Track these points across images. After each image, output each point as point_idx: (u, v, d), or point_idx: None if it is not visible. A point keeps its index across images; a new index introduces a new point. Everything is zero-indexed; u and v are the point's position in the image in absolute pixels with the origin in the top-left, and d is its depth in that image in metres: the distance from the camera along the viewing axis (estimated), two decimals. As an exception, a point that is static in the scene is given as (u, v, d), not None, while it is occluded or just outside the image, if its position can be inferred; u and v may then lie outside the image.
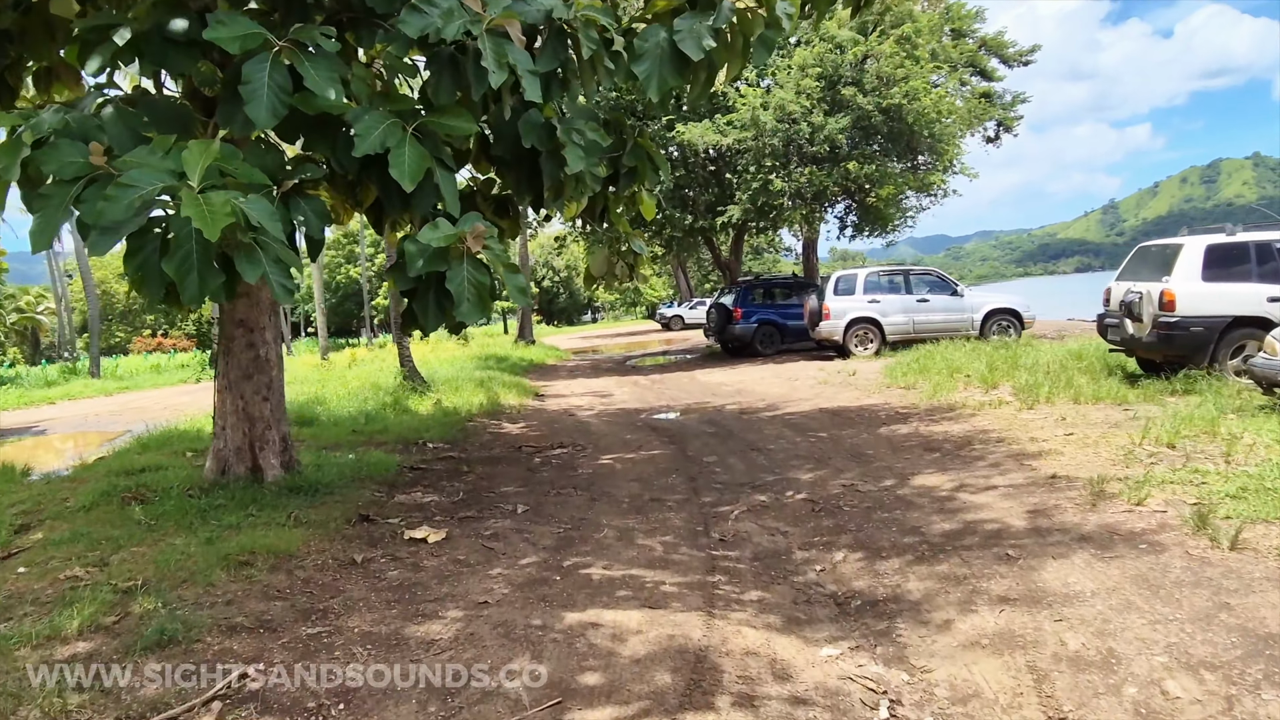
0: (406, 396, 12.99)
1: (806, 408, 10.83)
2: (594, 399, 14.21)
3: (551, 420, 11.58)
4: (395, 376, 13.98)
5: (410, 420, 11.14)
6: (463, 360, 21.26)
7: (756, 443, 8.51)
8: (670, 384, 15.88)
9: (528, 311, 29.95)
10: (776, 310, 20.00)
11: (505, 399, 13.66)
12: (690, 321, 45.29)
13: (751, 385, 14.31)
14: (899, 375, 12.25)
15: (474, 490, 6.95)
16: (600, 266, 6.53)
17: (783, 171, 16.93)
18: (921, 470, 6.57)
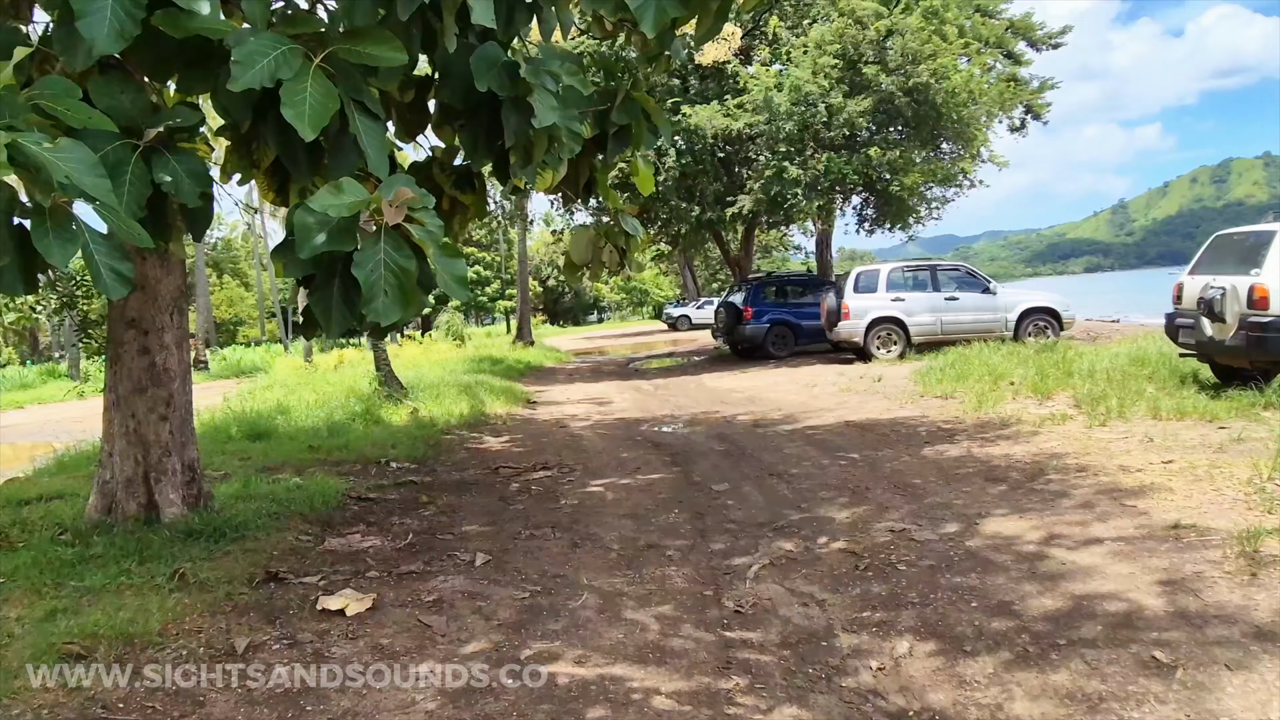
0: (380, 405, 11.65)
1: (830, 420, 9.45)
2: (591, 407, 12.85)
3: (540, 433, 10.22)
4: (370, 382, 12.65)
5: (379, 433, 9.80)
6: (454, 363, 19.95)
7: (775, 465, 7.14)
8: (675, 390, 14.52)
9: (527, 311, 28.59)
10: (790, 309, 18.62)
11: (491, 407, 12.31)
12: (698, 321, 43.97)
13: (765, 392, 12.93)
14: (933, 382, 10.86)
15: (428, 530, 5.60)
16: (582, 251, 5.18)
17: (798, 158, 15.55)
18: (990, 510, 5.19)
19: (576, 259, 5.29)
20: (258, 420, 10.34)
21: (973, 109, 16.13)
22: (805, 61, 15.33)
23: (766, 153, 15.77)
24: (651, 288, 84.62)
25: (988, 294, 15.14)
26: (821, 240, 25.40)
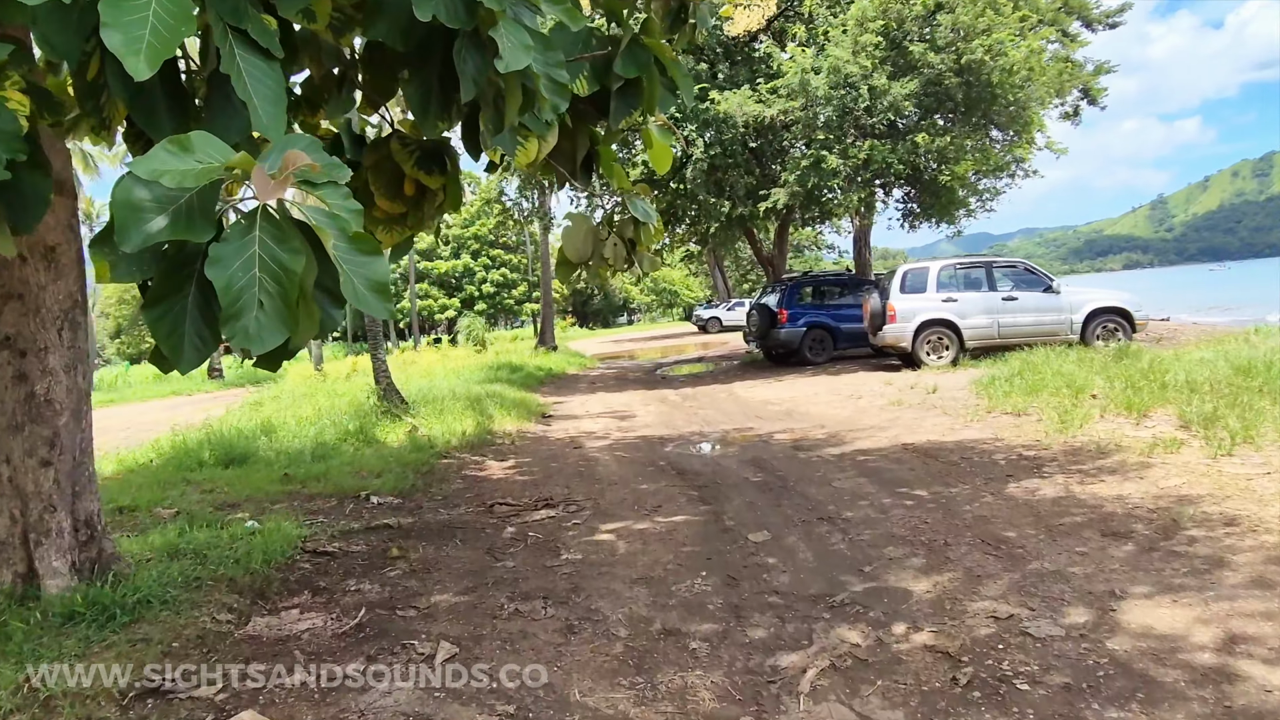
0: (377, 423, 10.54)
1: (884, 442, 8.14)
2: (611, 422, 11.63)
3: (550, 456, 9.02)
4: (369, 396, 11.54)
5: (368, 457, 8.67)
6: (470, 371, 18.85)
7: (825, 505, 5.87)
8: (705, 400, 13.26)
9: (550, 315, 27.46)
10: (828, 311, 17.27)
11: (500, 423, 11.14)
12: (728, 323, 42.74)
13: (804, 404, 11.63)
14: (999, 394, 9.49)
15: (388, 601, 4.41)
16: (579, 244, 3.96)
17: (837, 147, 14.21)
18: (1126, 586, 3.88)
19: (571, 254, 4.08)
20: (236, 442, 9.25)
21: (1029, 90, 14.68)
22: (845, 41, 13.99)
23: (803, 142, 14.45)
24: (681, 289, 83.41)
25: (1050, 293, 13.69)
26: (859, 237, 23.99)
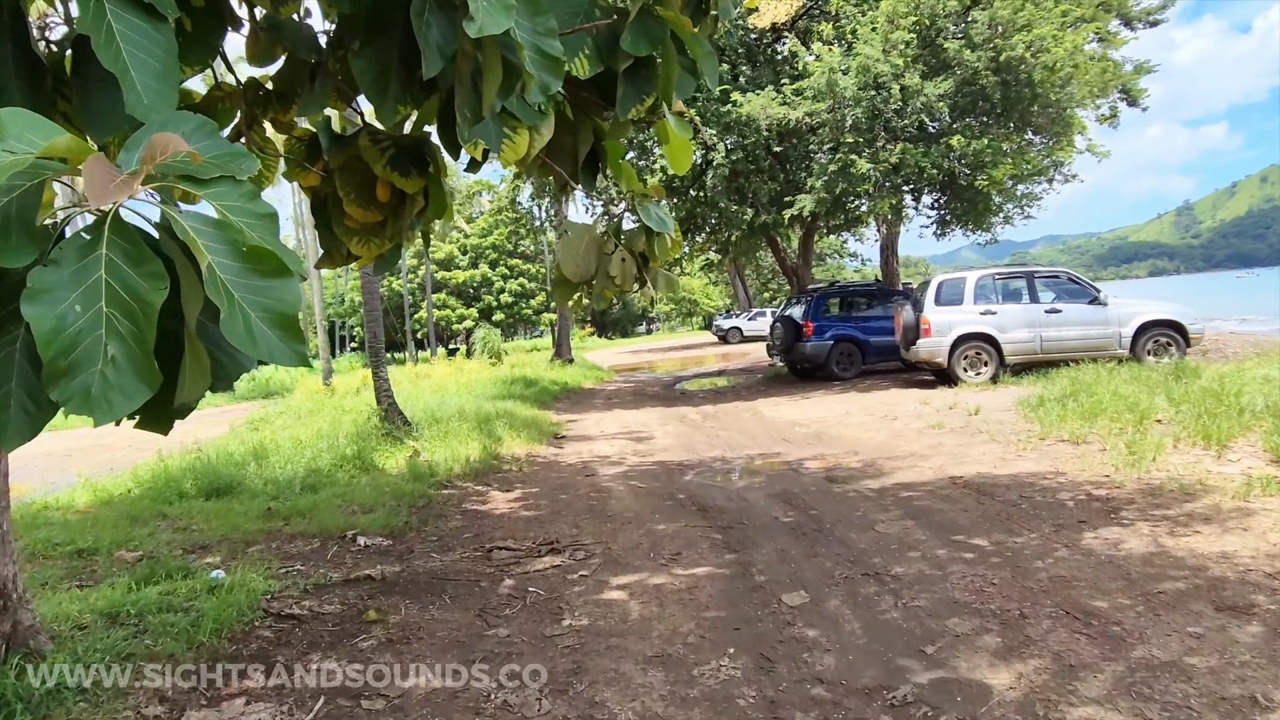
0: (377, 446, 9.87)
1: (928, 474, 7.34)
2: (627, 444, 10.89)
3: (559, 486, 8.28)
4: (370, 416, 10.87)
5: (362, 487, 7.98)
6: (483, 385, 18.19)
7: (869, 556, 5.09)
8: (727, 420, 12.49)
9: (566, 326, 26.77)
10: (856, 324, 16.45)
11: (509, 446, 10.43)
12: (749, 334, 41.99)
13: (835, 426, 10.83)
14: (1052, 419, 8.65)
15: (353, 687, 3.67)
16: (579, 261, 3.21)
17: (867, 150, 13.42)
18: (1271, 691, 3.08)
19: (571, 272, 3.34)
20: (223, 470, 8.60)
21: (1070, 90, 13.84)
22: (874, 39, 13.21)
23: (830, 145, 13.68)
24: (701, 298, 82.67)
25: (1097, 305, 12.80)
26: (886, 245, 23.14)
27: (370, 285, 10.68)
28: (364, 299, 10.84)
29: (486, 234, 58.14)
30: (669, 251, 3.43)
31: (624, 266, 3.25)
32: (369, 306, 10.77)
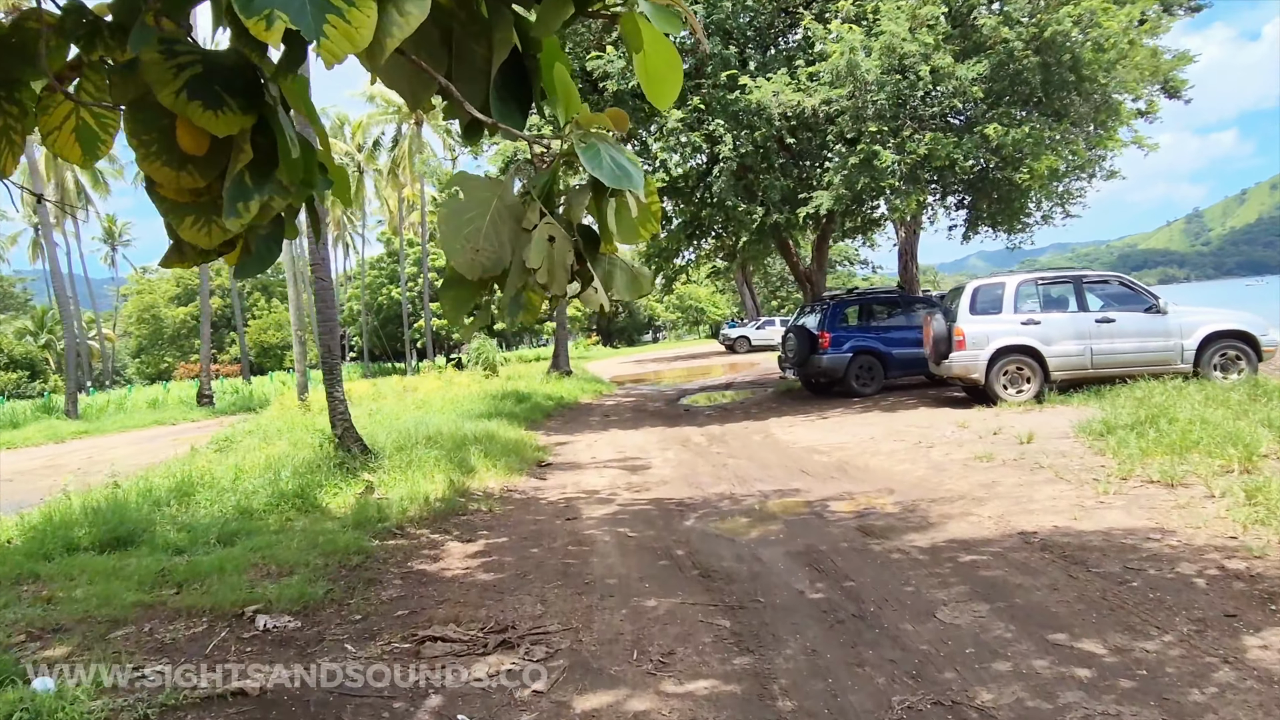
0: (327, 479, 8.44)
1: (988, 525, 5.86)
2: (620, 474, 9.44)
3: (532, 535, 6.82)
4: (322, 443, 9.42)
5: (291, 536, 6.54)
6: (470, 401, 16.76)
7: (935, 664, 3.63)
8: (735, 444, 11.02)
9: (564, 336, 25.29)
10: (877, 335, 14.99)
11: (482, 478, 8.98)
12: (757, 343, 40.54)
13: (861, 454, 9.35)
14: (1130, 452, 7.15)
15: None
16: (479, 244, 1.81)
17: (892, 141, 11.96)
18: None
19: (463, 263, 1.88)
20: (133, 511, 7.17)
21: (1119, 73, 12.36)
22: (900, 15, 11.76)
23: (850, 136, 12.22)
24: (707, 306, 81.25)
25: (1154, 313, 11.29)
26: (905, 251, 21.64)
27: (325, 288, 9.27)
28: (316, 304, 9.43)
29: (488, 241, 56.73)
30: (638, 226, 2.00)
31: (552, 252, 1.82)
32: (322, 314, 9.35)
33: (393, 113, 40.65)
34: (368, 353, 57.73)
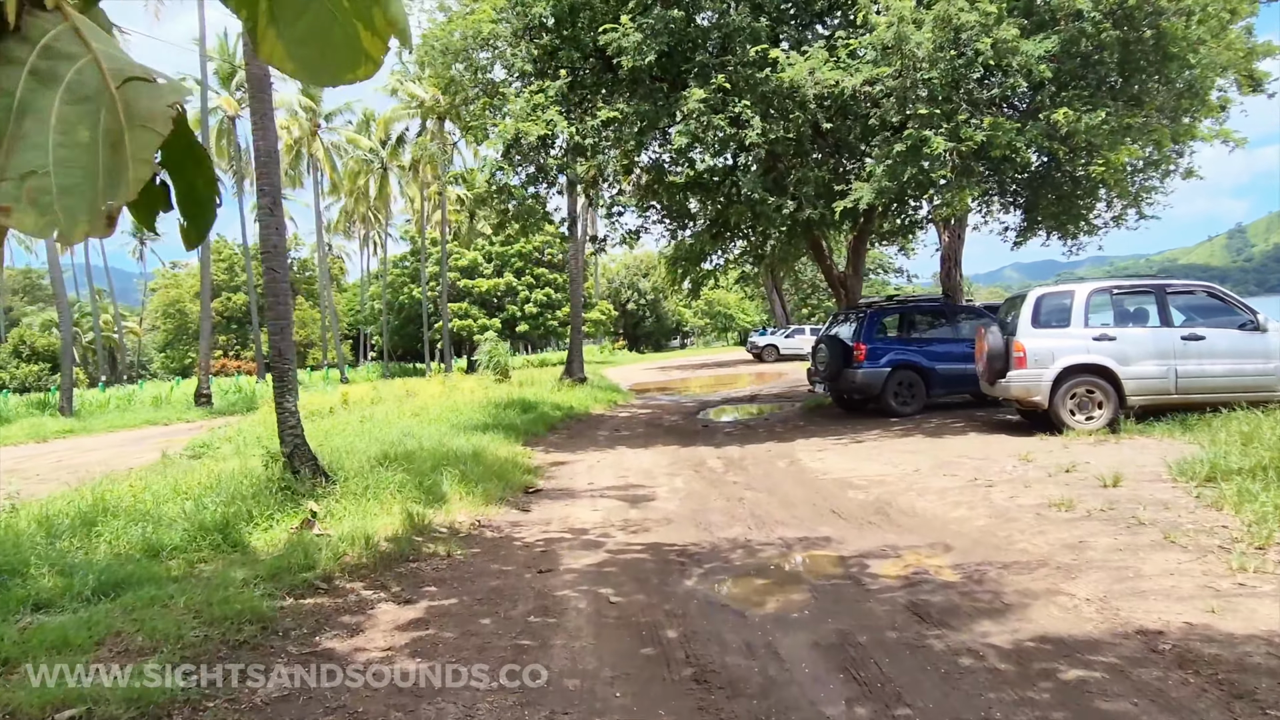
0: (264, 507, 7.07)
1: (1090, 616, 4.32)
2: (617, 507, 8.00)
3: (489, 596, 5.37)
4: (268, 464, 8.05)
5: (181, 592, 5.16)
6: (469, 410, 15.39)
7: None
8: (756, 471, 9.53)
9: (579, 341, 23.82)
10: (918, 348, 13.41)
11: (451, 508, 7.57)
12: (786, 352, 38.95)
13: (904, 490, 7.81)
14: (1262, 509, 5.55)
15: None
16: None
17: (945, 125, 10.40)
18: None
19: None
20: (14, 548, 5.86)
21: (1210, 53, 10.71)
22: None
23: (896, 120, 10.68)
24: (736, 312, 79.66)
25: (1251, 331, 9.64)
26: (948, 256, 19.97)
27: (276, 278, 7.90)
28: (266, 297, 8.07)
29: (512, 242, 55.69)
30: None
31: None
32: (272, 308, 7.97)
33: (415, 108, 39.57)
34: (388, 352, 56.83)
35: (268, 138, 7.91)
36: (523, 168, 12.55)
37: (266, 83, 7.92)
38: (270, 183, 7.91)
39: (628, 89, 12.04)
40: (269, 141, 7.92)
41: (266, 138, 7.90)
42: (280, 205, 7.95)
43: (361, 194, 49.05)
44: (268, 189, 7.90)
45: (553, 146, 12.54)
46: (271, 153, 7.92)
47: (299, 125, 42.96)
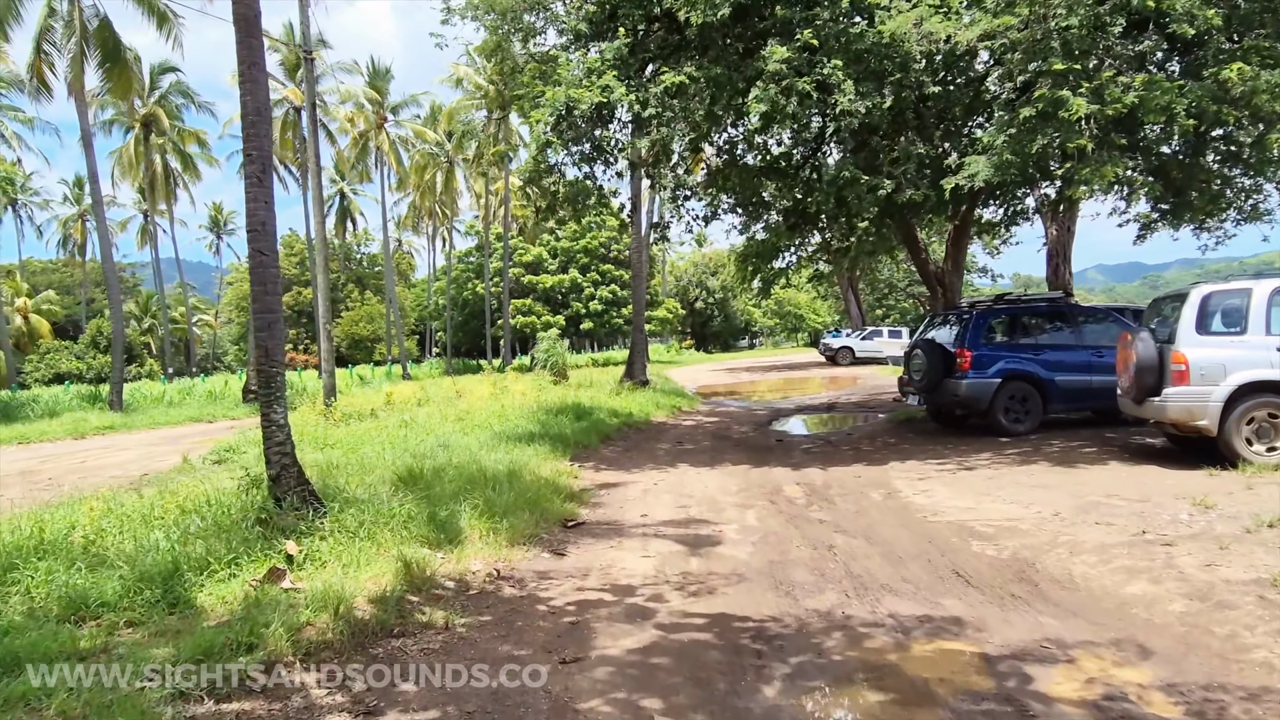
0: (232, 548, 5.65)
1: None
2: (674, 552, 6.38)
3: (488, 703, 3.82)
4: (247, 489, 6.65)
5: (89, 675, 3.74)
6: (517, 415, 13.98)
7: None
8: (846, 505, 7.78)
9: (642, 341, 22.17)
10: (1034, 355, 11.41)
11: (464, 551, 6.06)
12: (861, 355, 36.74)
13: (1047, 544, 5.98)
14: None
15: None
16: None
17: (1085, 85, 8.48)
18: None
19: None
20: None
21: None
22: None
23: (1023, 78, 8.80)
24: (807, 312, 77.19)
25: None
26: (1055, 252, 17.83)
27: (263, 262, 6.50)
28: (252, 287, 6.66)
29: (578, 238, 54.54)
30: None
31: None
32: (259, 300, 6.55)
33: (480, 98, 38.56)
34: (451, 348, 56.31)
35: (257, 92, 6.51)
36: (576, 145, 10.98)
37: (256, 24, 6.52)
38: (259, 147, 6.52)
39: (696, 51, 10.38)
40: (258, 97, 6.52)
41: (256, 92, 6.51)
42: (270, 175, 6.54)
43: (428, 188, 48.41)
44: (256, 154, 6.51)
45: (611, 120, 10.98)
46: (262, 110, 6.53)
47: (365, 118, 42.47)
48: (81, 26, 22.03)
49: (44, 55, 22.65)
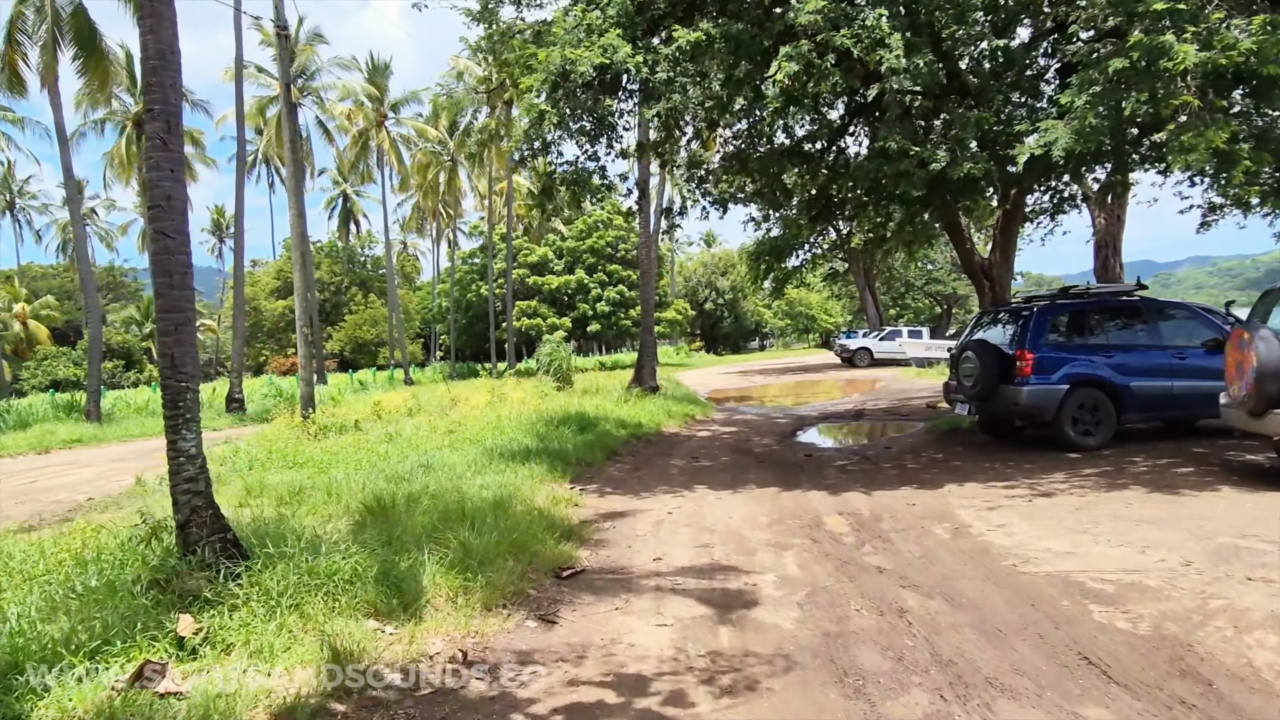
0: (109, 624, 4.21)
1: None
2: (699, 618, 4.90)
3: None
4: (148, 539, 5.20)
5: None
6: (513, 427, 12.52)
7: None
8: (907, 546, 6.28)
9: (652, 344, 20.64)
10: (1105, 358, 9.89)
11: (419, 626, 4.59)
12: (880, 356, 35.25)
13: (1199, 616, 4.47)
14: None
15: None
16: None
17: (1190, 30, 6.98)
18: None
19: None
20: None
21: None
22: None
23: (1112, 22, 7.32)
24: (819, 313, 75.62)
25: None
26: (1104, 243, 16.35)
27: (169, 247, 5.08)
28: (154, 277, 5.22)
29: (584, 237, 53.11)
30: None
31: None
32: (164, 296, 5.14)
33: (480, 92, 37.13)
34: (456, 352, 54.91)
35: (161, 30, 5.07)
36: (575, 120, 9.51)
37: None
38: (163, 99, 5.07)
39: (714, 5, 8.91)
40: (162, 37, 5.08)
41: (160, 30, 5.07)
42: (178, 134, 5.10)
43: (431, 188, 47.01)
44: (159, 109, 5.07)
45: (616, 89, 9.51)
46: (166, 54, 5.08)
47: (364, 116, 41.18)
48: (54, 13, 20.72)
49: (16, 45, 21.37)
